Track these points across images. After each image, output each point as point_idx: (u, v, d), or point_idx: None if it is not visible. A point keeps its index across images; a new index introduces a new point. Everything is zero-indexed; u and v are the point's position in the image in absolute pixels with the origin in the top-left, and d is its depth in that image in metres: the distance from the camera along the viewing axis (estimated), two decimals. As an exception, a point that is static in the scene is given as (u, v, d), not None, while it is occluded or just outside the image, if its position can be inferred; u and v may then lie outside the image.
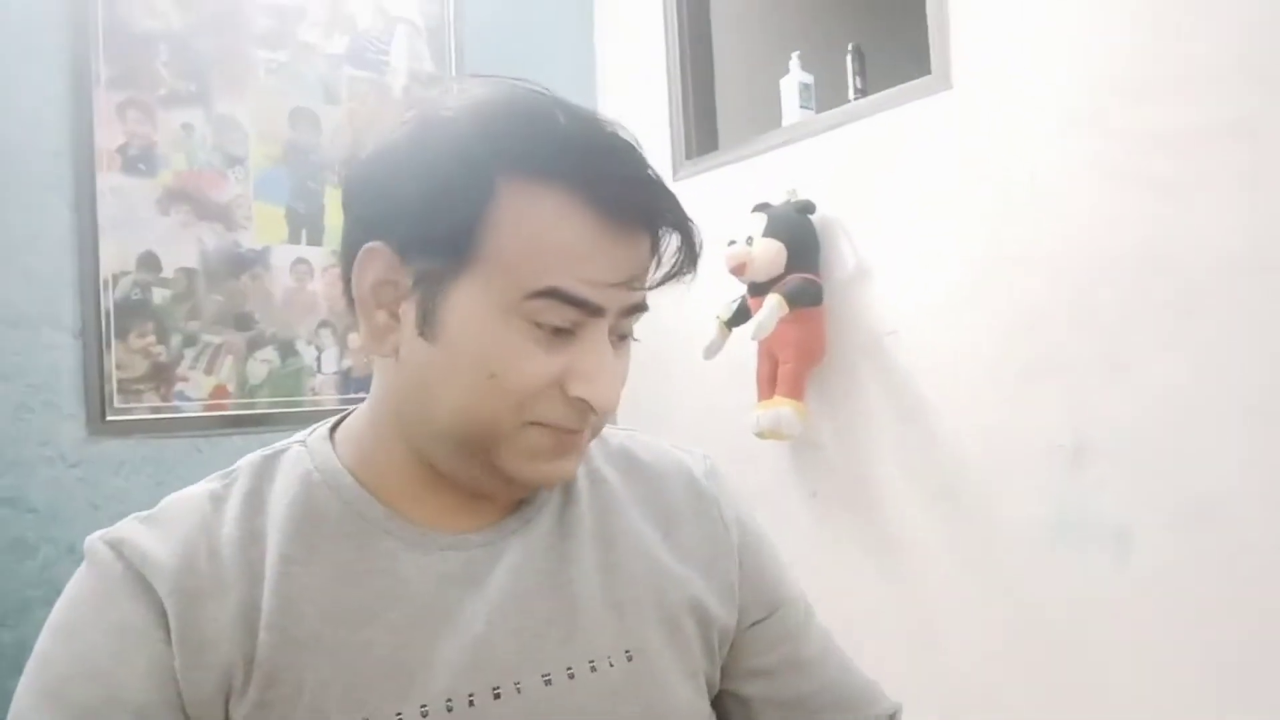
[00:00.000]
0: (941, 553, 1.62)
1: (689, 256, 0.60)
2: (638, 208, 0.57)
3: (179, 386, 1.83)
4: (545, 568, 0.63)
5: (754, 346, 1.82)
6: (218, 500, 0.61)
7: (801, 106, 2.00)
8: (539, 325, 0.56)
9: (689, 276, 0.61)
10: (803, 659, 0.73)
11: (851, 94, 2.07)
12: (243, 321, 1.91)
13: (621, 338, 0.62)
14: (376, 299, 0.58)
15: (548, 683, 0.59)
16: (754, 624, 0.71)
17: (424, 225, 0.56)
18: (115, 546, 0.57)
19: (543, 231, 0.55)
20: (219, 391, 1.88)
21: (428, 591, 0.59)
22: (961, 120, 1.59)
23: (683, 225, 0.59)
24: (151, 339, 1.81)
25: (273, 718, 0.54)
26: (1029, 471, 1.49)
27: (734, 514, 0.74)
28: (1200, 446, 1.28)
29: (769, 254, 1.75)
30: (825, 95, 2.06)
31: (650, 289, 0.60)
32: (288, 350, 1.96)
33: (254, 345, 1.93)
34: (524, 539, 0.64)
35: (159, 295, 1.82)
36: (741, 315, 1.84)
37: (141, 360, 1.80)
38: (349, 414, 0.67)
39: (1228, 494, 1.25)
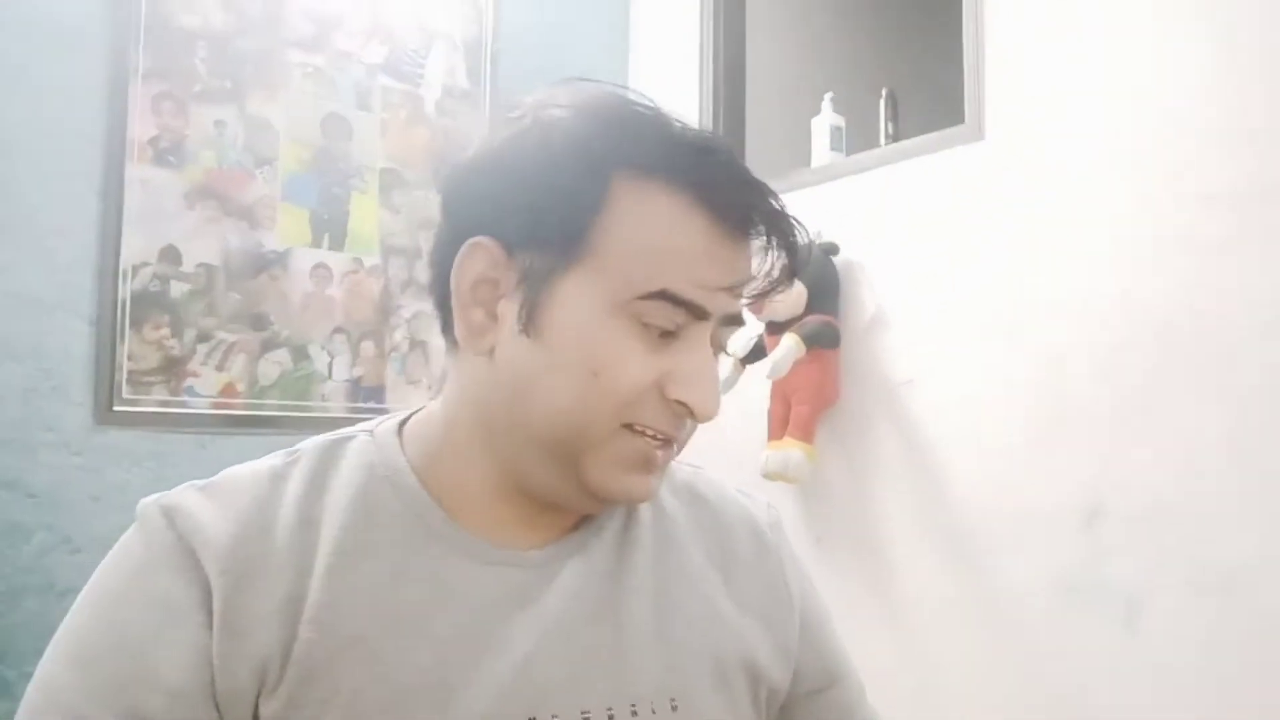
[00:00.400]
0: (947, 606, 1.59)
1: (791, 266, 0.59)
2: (750, 212, 0.57)
3: (189, 382, 1.83)
4: (599, 594, 0.61)
5: (767, 385, 1.81)
6: (278, 479, 0.59)
7: (831, 148, 2.00)
8: (645, 326, 0.56)
9: (787, 287, 0.60)
10: None
11: (883, 139, 2.07)
12: (258, 321, 1.91)
13: (717, 349, 0.61)
14: (476, 296, 0.58)
15: None
16: (810, 693, 0.70)
17: (537, 219, 0.55)
18: (168, 514, 0.55)
19: (657, 232, 0.55)
20: (228, 390, 1.87)
21: (477, 606, 0.57)
22: (992, 173, 1.58)
23: (790, 234, 0.59)
24: (165, 331, 1.81)
25: (303, 719, 0.52)
26: (1040, 530, 1.46)
27: (796, 575, 0.72)
28: (1223, 515, 1.26)
29: (789, 294, 1.72)
30: (856, 139, 2.06)
31: (752, 299, 0.60)
32: (300, 354, 1.96)
33: (267, 346, 1.92)
34: (582, 561, 0.62)
35: (177, 289, 1.82)
36: (757, 353, 1.83)
37: (154, 352, 1.79)
38: (418, 410, 0.65)
39: (1248, 566, 1.23)
